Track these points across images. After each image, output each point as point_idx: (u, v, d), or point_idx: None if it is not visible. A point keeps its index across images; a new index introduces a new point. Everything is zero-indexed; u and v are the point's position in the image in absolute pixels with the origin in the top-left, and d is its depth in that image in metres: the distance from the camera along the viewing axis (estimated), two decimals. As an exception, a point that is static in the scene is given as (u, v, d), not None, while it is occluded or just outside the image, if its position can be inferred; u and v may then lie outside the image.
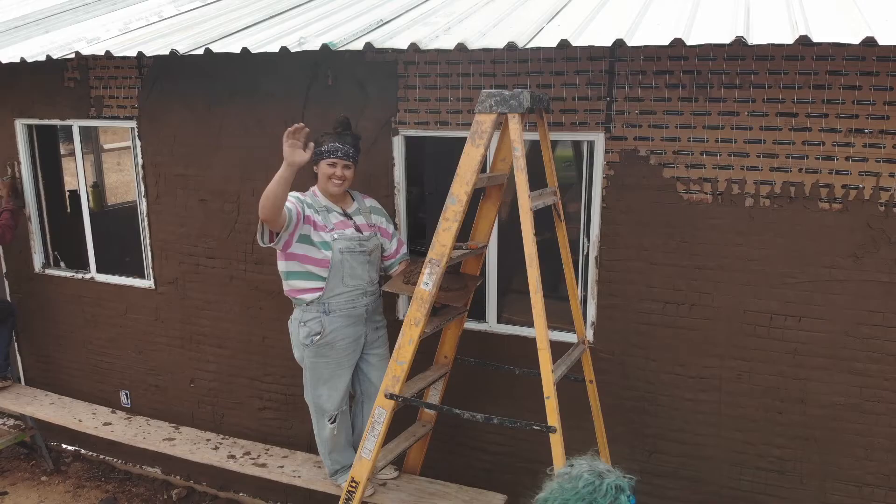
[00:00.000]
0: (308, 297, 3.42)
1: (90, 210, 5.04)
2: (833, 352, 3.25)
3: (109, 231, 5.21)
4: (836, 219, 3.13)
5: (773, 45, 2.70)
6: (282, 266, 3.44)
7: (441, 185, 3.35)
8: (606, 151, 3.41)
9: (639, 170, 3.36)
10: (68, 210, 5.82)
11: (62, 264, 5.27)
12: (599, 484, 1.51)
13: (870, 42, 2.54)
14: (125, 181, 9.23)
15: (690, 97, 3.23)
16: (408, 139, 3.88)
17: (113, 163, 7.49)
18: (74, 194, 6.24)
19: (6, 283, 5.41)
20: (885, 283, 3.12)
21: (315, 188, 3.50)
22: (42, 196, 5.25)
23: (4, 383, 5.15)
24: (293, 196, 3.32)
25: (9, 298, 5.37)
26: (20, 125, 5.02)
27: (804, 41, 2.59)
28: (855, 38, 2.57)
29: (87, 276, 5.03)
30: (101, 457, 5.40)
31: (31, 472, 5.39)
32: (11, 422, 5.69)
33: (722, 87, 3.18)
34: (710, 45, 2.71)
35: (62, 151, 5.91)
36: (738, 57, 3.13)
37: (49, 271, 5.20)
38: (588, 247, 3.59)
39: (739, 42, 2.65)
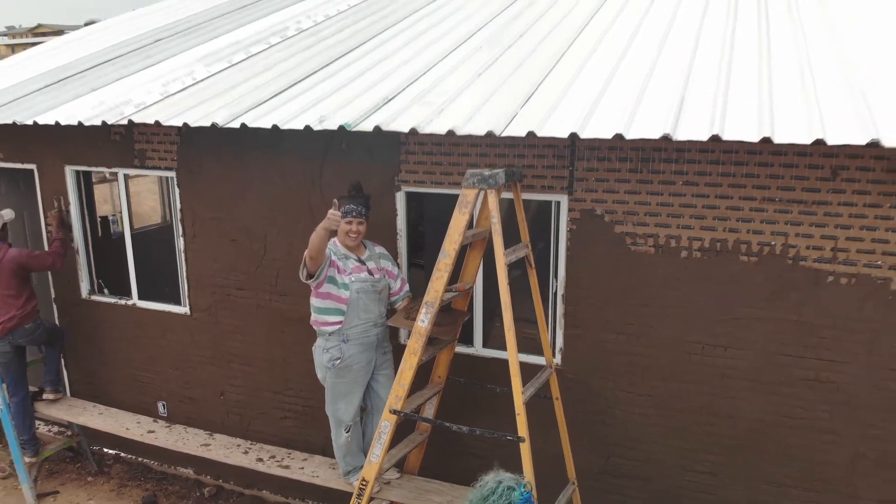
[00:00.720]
0: (330, 328, 4.18)
1: (120, 233, 5.77)
2: (755, 376, 3.99)
3: (138, 254, 5.91)
4: (754, 269, 3.87)
5: (694, 138, 3.45)
6: (314, 302, 4.21)
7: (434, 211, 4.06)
8: (569, 210, 4.16)
9: (595, 226, 4.11)
10: (100, 234, 6.61)
11: (105, 291, 6.02)
12: (496, 486, 2.18)
13: (766, 141, 3.28)
14: (136, 191, 10.02)
15: (636, 168, 3.98)
16: (408, 194, 4.63)
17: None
18: (105, 220, 7.06)
19: (55, 307, 6.16)
20: (793, 321, 3.86)
21: (335, 239, 4.26)
22: (87, 230, 5.99)
23: (56, 396, 5.91)
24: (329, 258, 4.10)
25: (57, 322, 6.13)
26: (69, 171, 5.77)
27: (716, 139, 3.34)
28: (756, 137, 3.31)
29: (130, 303, 5.78)
30: (140, 459, 6.16)
31: (78, 474, 6.15)
32: (56, 429, 6.46)
33: (661, 161, 3.93)
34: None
35: (93, 179, 6.68)
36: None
37: (94, 297, 5.95)
38: (556, 286, 4.33)
39: (666, 137, 3.40)
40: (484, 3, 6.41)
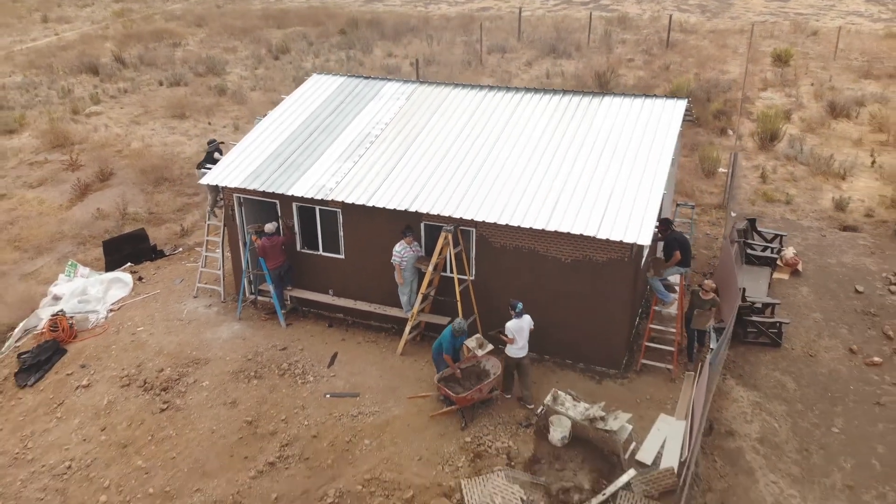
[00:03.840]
0: (403, 266, 13.85)
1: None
2: (539, 288, 13.65)
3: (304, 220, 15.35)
4: (532, 257, 13.42)
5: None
6: (397, 260, 13.83)
7: (432, 229, 13.63)
8: (476, 233, 13.64)
9: (484, 239, 13.59)
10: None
11: (306, 247, 15.53)
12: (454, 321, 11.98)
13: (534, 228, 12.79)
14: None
15: (497, 220, 13.41)
16: (425, 225, 14.08)
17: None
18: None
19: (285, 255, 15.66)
20: (556, 276, 13.49)
21: (404, 241, 13.80)
22: (299, 224, 15.35)
23: (293, 289, 15.58)
24: (402, 251, 13.76)
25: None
26: (295, 205, 15.09)
27: (527, 228, 12.81)
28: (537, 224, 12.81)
29: (318, 253, 15.31)
30: (319, 311, 15.90)
31: (295, 317, 15.90)
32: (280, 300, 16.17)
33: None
34: (492, 221, 12.96)
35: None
36: (505, 215, 13.33)
37: (302, 250, 15.48)
38: (472, 259, 13.89)
39: (496, 223, 12.88)
40: (455, 123, 15.57)
